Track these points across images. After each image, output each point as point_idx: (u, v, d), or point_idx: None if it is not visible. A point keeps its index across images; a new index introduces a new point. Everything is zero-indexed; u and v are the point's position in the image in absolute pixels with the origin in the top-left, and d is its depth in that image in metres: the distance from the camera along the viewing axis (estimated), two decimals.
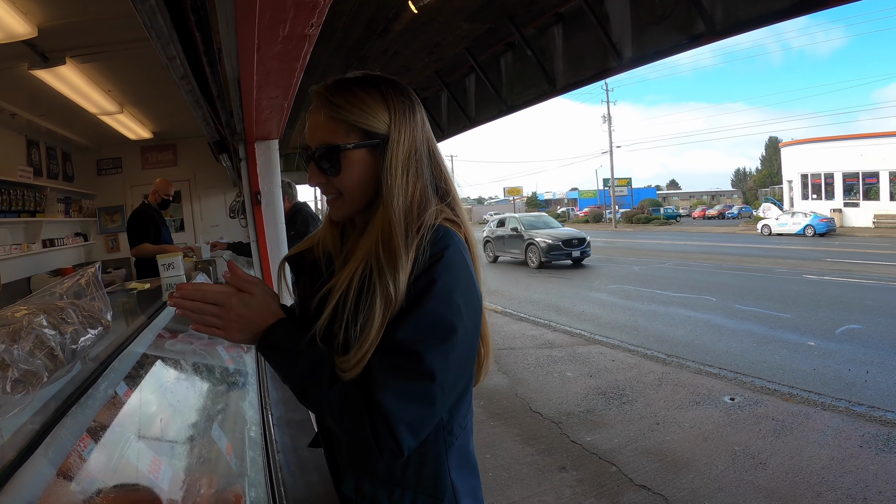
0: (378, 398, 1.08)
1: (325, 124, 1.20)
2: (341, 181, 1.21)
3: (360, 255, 1.19)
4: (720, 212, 53.17)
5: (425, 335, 1.10)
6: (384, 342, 1.12)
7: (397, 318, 1.12)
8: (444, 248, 1.15)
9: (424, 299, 1.11)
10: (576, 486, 4.13)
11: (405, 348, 1.10)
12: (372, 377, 1.10)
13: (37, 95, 5.22)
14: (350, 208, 1.26)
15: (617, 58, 4.42)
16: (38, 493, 1.04)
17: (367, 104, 1.19)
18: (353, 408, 1.10)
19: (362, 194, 1.23)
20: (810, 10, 3.37)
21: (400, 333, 1.11)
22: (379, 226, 1.18)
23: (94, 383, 1.41)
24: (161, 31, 1.92)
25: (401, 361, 1.10)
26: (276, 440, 2.35)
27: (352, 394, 1.11)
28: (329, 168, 1.21)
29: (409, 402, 1.09)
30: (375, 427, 1.08)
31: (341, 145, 1.19)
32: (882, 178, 30.49)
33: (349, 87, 1.21)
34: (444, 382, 1.11)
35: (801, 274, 14.86)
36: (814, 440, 4.68)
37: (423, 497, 1.24)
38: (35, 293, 1.59)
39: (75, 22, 3.69)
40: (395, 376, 1.09)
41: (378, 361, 1.11)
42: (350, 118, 1.19)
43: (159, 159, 8.85)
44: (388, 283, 1.12)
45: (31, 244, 6.88)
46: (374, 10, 4.39)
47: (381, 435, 1.08)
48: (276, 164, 4.24)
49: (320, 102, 1.21)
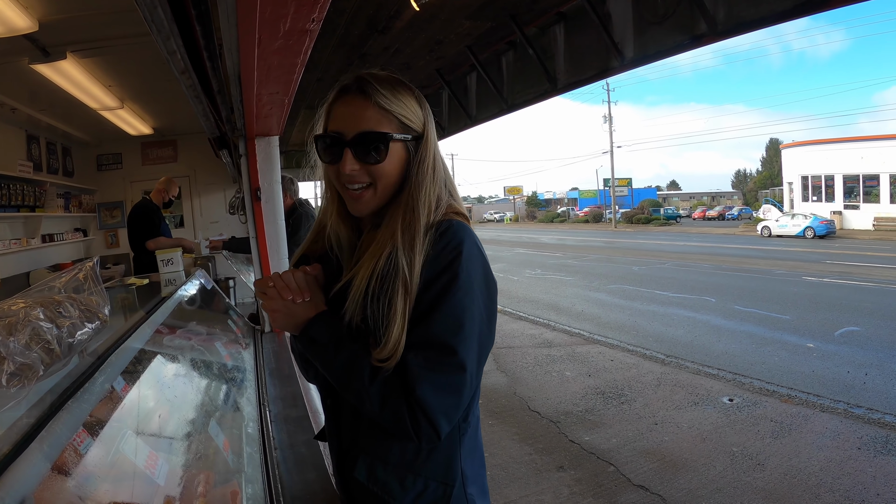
0: (418, 394, 1.14)
1: (372, 112, 1.22)
2: (382, 169, 1.24)
3: (383, 243, 1.22)
4: (720, 213, 53.15)
5: (456, 329, 1.17)
6: (419, 338, 1.17)
7: (427, 313, 1.18)
8: (460, 241, 1.21)
9: (451, 294, 1.17)
10: (573, 485, 4.13)
11: (439, 342, 1.16)
12: (410, 373, 1.15)
13: (37, 90, 5.21)
14: (378, 201, 1.28)
15: (618, 57, 4.41)
16: (32, 488, 1.03)
17: (408, 101, 1.26)
18: (393, 402, 1.16)
19: (392, 187, 1.27)
20: (813, 11, 3.35)
21: (434, 329, 1.17)
22: (402, 215, 1.22)
23: (91, 377, 1.41)
24: (161, 25, 1.91)
25: (436, 356, 1.16)
26: (274, 436, 2.34)
27: (391, 389, 1.17)
28: (372, 156, 1.23)
29: (446, 394, 1.16)
30: (415, 419, 1.15)
31: (390, 134, 1.22)
32: (882, 181, 30.48)
33: (391, 83, 1.26)
34: (473, 371, 1.19)
35: (801, 276, 14.86)
36: (812, 442, 4.67)
37: (434, 483, 1.27)
38: (32, 287, 1.58)
39: (76, 16, 3.68)
40: (432, 370, 1.16)
41: (414, 357, 1.16)
42: (397, 111, 1.23)
43: (159, 155, 8.83)
44: (405, 268, 1.17)
45: (31, 239, 6.86)
46: (376, 8, 4.37)
47: (421, 426, 1.15)
48: (276, 160, 4.23)
49: (366, 89, 1.22)
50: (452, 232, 1.21)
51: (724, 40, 3.79)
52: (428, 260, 1.19)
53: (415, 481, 1.26)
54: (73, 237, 8.09)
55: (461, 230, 1.22)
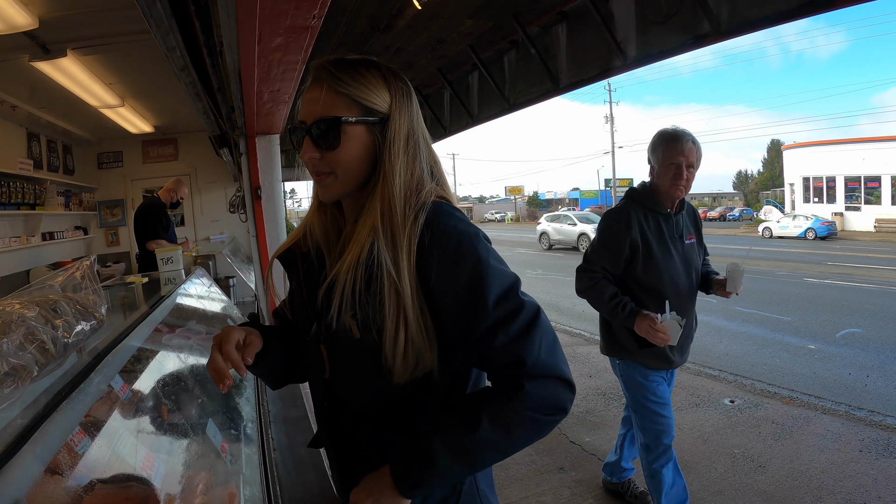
0: (532, 360, 1.10)
1: (325, 97, 1.17)
2: (337, 156, 1.18)
3: (363, 236, 1.16)
4: (721, 213, 53.17)
5: (506, 290, 1.13)
6: (484, 321, 1.12)
7: (474, 295, 1.12)
8: (454, 222, 1.16)
9: (480, 267, 1.13)
10: (574, 486, 4.11)
11: (505, 312, 1.12)
12: (507, 353, 1.11)
13: (38, 88, 5.20)
14: (341, 188, 1.23)
15: (621, 57, 4.40)
16: (26, 488, 1.01)
17: (369, 81, 1.19)
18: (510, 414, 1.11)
19: (356, 172, 1.21)
20: (817, 12, 3.33)
21: (490, 304, 1.11)
22: (379, 204, 1.16)
23: (87, 377, 1.39)
24: (161, 21, 1.90)
25: (513, 321, 1.11)
26: (273, 438, 2.33)
27: (495, 409, 1.11)
28: (327, 142, 1.17)
29: (549, 346, 1.13)
30: (546, 391, 1.11)
31: (343, 118, 1.16)
32: (884, 183, 30.47)
33: (351, 64, 1.20)
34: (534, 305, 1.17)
35: (802, 277, 14.84)
36: (814, 444, 4.65)
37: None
38: (28, 286, 1.56)
39: (77, 13, 3.67)
40: (518, 335, 1.11)
41: (504, 333, 1.11)
42: (353, 93, 1.17)
43: (160, 153, 8.83)
44: (389, 261, 1.12)
45: (31, 237, 6.86)
46: (378, 6, 4.36)
47: (558, 390, 1.13)
48: (276, 159, 4.22)
49: (322, 75, 1.18)
50: (438, 213, 1.17)
51: (727, 40, 3.78)
52: (427, 247, 1.13)
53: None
54: (73, 235, 8.09)
55: (441, 208, 1.18)
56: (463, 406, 1.16)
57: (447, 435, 1.12)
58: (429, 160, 1.26)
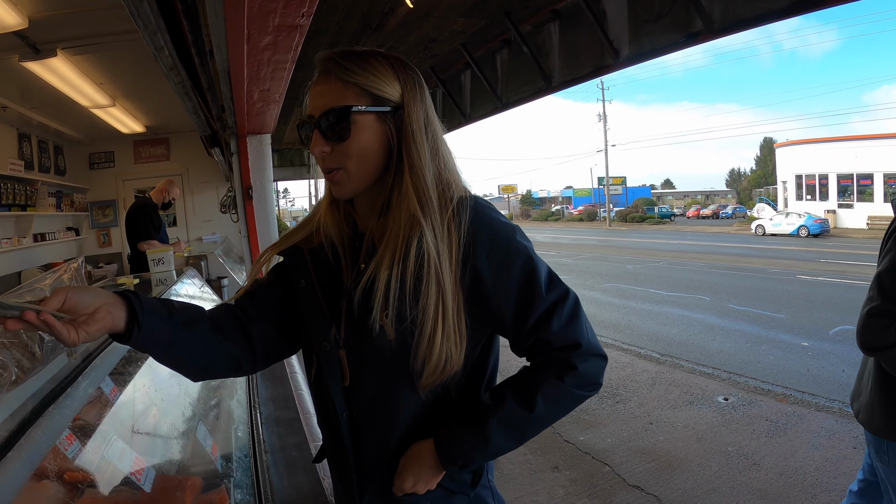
0: (585, 342, 1.15)
1: (334, 88, 1.13)
2: (348, 148, 1.13)
3: (401, 230, 1.11)
4: (714, 211, 53.22)
5: (552, 281, 1.16)
6: (538, 307, 1.14)
7: (526, 285, 1.14)
8: (497, 216, 1.18)
9: (528, 258, 1.15)
10: (568, 485, 4.11)
11: (553, 300, 1.15)
12: (564, 336, 1.14)
13: (28, 88, 5.17)
14: (354, 184, 1.17)
15: (614, 55, 4.39)
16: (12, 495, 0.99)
17: (378, 70, 1.14)
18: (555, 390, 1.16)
19: (369, 165, 1.16)
20: (809, 10, 3.34)
21: (542, 293, 1.14)
22: (413, 195, 1.12)
23: (75, 381, 1.37)
24: (148, 20, 1.88)
25: (563, 306, 1.15)
26: (264, 440, 2.31)
27: (554, 388, 1.16)
28: (336, 133, 1.12)
29: (587, 326, 1.18)
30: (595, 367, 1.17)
31: (352, 107, 1.11)
32: (876, 180, 30.57)
33: (359, 54, 1.15)
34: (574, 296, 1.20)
35: (795, 274, 14.89)
36: (808, 441, 4.67)
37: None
38: (16, 288, 1.55)
39: (66, 13, 3.65)
40: (572, 319, 1.15)
41: (557, 318, 1.14)
42: (362, 82, 1.12)
43: (152, 153, 8.79)
44: (435, 254, 1.09)
45: (22, 238, 6.81)
46: (370, 5, 4.34)
47: (599, 366, 1.18)
48: (268, 158, 4.20)
49: (329, 66, 1.14)
50: (482, 208, 1.16)
51: (720, 38, 3.78)
52: (471, 242, 1.12)
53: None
54: (65, 236, 8.04)
55: (483, 203, 1.17)
56: (515, 387, 1.18)
57: (503, 415, 1.16)
58: (449, 154, 1.22)
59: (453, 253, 1.11)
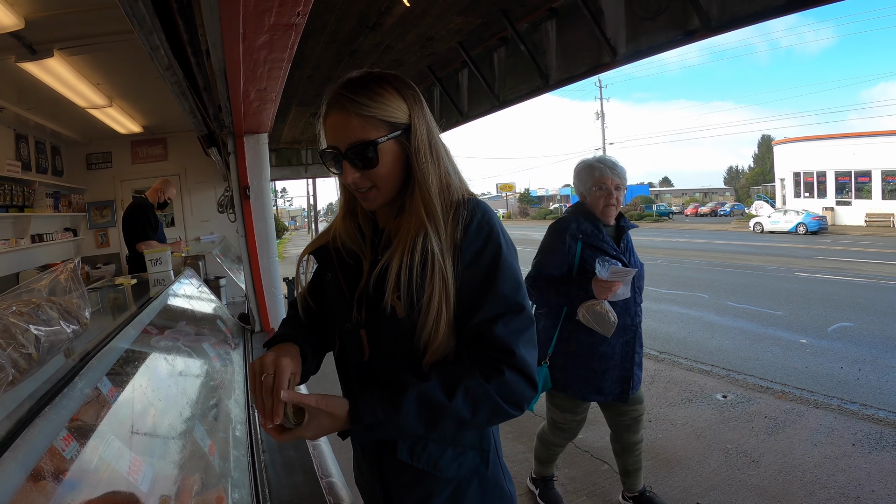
0: (520, 354, 1.23)
1: (354, 123, 1.27)
2: (378, 173, 1.30)
3: (411, 230, 1.28)
4: (713, 209, 53.38)
5: (517, 287, 1.29)
6: (492, 305, 1.25)
7: (489, 281, 1.27)
8: (485, 214, 1.32)
9: (503, 259, 1.28)
10: (567, 483, 4.11)
11: (510, 303, 1.26)
12: (500, 340, 1.24)
13: (25, 89, 5.17)
14: (384, 197, 1.35)
15: (611, 53, 4.38)
16: (7, 497, 0.99)
17: (386, 99, 1.29)
18: (483, 393, 1.22)
19: (395, 181, 1.34)
20: (806, 7, 3.33)
21: (502, 292, 1.26)
22: (421, 205, 1.29)
23: (71, 381, 1.37)
24: (143, 20, 1.87)
25: (513, 315, 1.26)
26: (262, 439, 2.31)
27: (472, 383, 1.22)
28: (365, 162, 1.28)
29: (532, 348, 1.28)
30: (518, 385, 1.24)
31: (376, 140, 1.27)
32: (874, 177, 30.64)
33: (366, 85, 1.29)
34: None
35: (794, 272, 14.91)
36: (806, 438, 4.67)
37: (471, 451, 1.39)
38: (12, 289, 1.55)
39: (63, 13, 3.65)
40: (517, 330, 1.25)
41: (498, 325, 1.24)
42: (377, 114, 1.27)
43: (149, 154, 8.78)
44: (437, 250, 1.26)
45: (20, 239, 6.82)
46: (366, 3, 4.33)
47: (527, 389, 1.25)
48: (265, 158, 4.19)
49: (344, 103, 1.27)
50: (477, 209, 1.31)
51: (717, 35, 3.77)
52: (462, 237, 1.28)
53: (455, 451, 1.36)
54: (62, 237, 8.03)
55: (480, 205, 1.33)
56: (441, 372, 1.25)
57: (423, 390, 1.21)
58: (448, 157, 1.39)
59: (453, 250, 1.28)
